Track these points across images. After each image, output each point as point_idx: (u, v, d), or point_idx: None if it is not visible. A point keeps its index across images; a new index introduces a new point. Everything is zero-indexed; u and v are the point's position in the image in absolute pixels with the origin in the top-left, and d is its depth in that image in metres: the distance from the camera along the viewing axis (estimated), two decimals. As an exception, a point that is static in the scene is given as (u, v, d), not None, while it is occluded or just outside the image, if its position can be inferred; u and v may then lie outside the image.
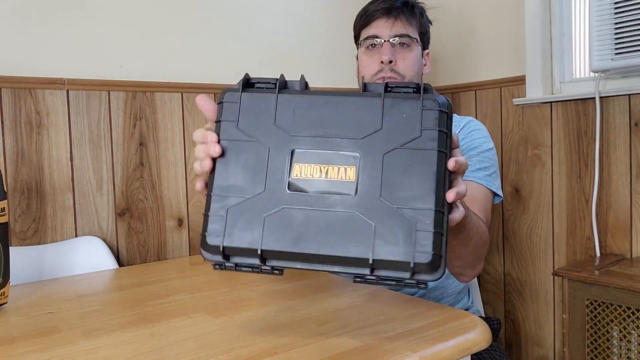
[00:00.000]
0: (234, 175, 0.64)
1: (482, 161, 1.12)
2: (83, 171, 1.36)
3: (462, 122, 1.21)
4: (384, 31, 1.18)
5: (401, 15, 1.18)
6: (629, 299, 1.22)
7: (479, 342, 0.75)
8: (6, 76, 1.25)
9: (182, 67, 1.51)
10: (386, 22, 1.18)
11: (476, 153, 1.13)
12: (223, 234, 0.63)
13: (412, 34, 1.19)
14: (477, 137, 1.17)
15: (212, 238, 0.63)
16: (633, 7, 1.34)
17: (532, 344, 1.71)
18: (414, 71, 1.19)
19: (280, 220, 0.62)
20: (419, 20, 1.21)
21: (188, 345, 0.73)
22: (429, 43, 1.28)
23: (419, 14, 1.22)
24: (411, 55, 1.19)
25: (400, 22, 1.18)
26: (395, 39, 1.17)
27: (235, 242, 0.62)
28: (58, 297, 1.01)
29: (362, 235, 0.60)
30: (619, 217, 1.46)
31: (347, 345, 0.71)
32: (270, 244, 0.61)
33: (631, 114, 1.42)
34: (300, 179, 0.63)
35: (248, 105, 0.67)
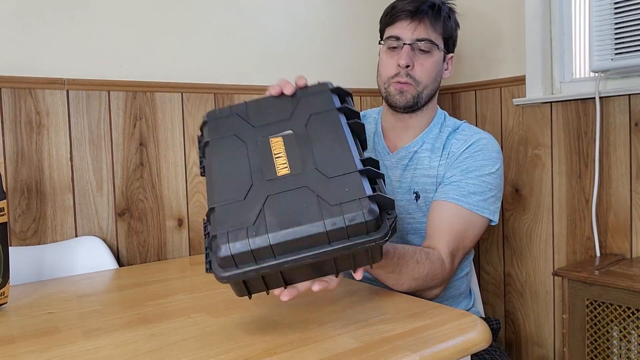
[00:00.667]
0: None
1: (478, 185, 1.11)
2: (83, 171, 1.36)
3: (471, 139, 1.17)
4: (406, 33, 1.16)
5: (425, 19, 1.15)
6: (629, 299, 1.22)
7: (479, 342, 0.75)
8: (6, 76, 1.25)
9: (182, 67, 1.51)
10: (410, 24, 1.16)
11: (474, 176, 1.11)
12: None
13: (434, 38, 1.16)
14: (482, 159, 1.14)
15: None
16: (633, 7, 1.34)
17: (532, 344, 1.71)
18: (431, 77, 1.18)
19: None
20: (444, 24, 1.18)
21: (188, 345, 0.73)
22: (454, 47, 1.24)
23: (446, 17, 1.18)
24: (430, 61, 1.17)
25: (424, 26, 1.16)
26: (417, 43, 1.15)
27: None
28: (58, 297, 1.01)
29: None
30: (619, 217, 1.46)
31: (347, 345, 0.71)
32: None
33: (631, 114, 1.42)
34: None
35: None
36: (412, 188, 1.18)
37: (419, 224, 1.16)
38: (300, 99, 0.87)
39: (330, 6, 1.81)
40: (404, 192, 1.18)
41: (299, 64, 1.75)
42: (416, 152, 1.21)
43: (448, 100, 1.90)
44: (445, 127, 1.23)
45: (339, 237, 0.68)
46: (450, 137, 1.20)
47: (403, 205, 1.17)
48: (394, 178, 1.21)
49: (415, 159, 1.20)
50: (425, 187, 1.16)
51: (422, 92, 1.18)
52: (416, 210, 1.16)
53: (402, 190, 1.19)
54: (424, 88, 1.18)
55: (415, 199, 1.17)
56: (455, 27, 1.23)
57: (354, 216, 0.67)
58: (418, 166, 1.19)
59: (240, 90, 1.61)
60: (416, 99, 1.18)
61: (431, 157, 1.18)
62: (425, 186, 1.16)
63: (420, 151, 1.20)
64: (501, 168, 1.16)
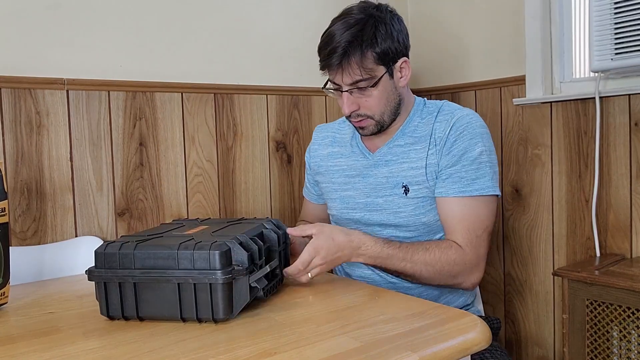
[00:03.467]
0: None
1: (476, 169, 1.12)
2: (83, 171, 1.36)
3: (452, 119, 1.15)
4: (339, 80, 1.13)
5: (349, 63, 1.09)
6: (629, 299, 1.22)
7: (479, 342, 0.75)
8: (6, 76, 1.25)
9: (182, 67, 1.51)
10: (337, 73, 1.12)
11: (470, 161, 1.12)
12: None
13: (368, 74, 1.11)
14: (469, 138, 1.13)
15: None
16: (633, 7, 1.34)
17: (532, 344, 1.71)
18: (382, 104, 1.15)
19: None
20: (372, 53, 1.10)
21: (188, 345, 0.73)
22: (402, 52, 1.16)
23: (369, 45, 1.09)
24: (372, 96, 1.13)
25: (350, 71, 1.10)
26: (352, 86, 1.12)
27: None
28: (58, 297, 1.01)
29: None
30: (619, 217, 1.46)
31: (347, 345, 0.71)
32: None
33: (631, 114, 1.42)
34: None
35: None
36: (401, 182, 1.17)
37: (409, 218, 1.16)
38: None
39: (330, 6, 1.81)
40: (392, 187, 1.18)
41: (299, 64, 1.75)
42: (399, 146, 1.20)
43: (448, 99, 1.90)
44: (427, 113, 1.22)
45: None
46: (433, 121, 1.19)
47: (392, 200, 1.17)
48: (380, 175, 1.21)
49: (400, 152, 1.20)
50: (414, 180, 1.16)
51: (381, 119, 1.16)
52: (406, 205, 1.16)
53: (390, 186, 1.18)
54: (382, 115, 1.16)
55: (405, 193, 1.16)
56: (391, 37, 1.12)
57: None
58: (404, 160, 1.19)
59: (240, 90, 1.61)
60: (379, 126, 1.18)
61: (417, 149, 1.18)
62: (414, 179, 1.16)
63: (404, 145, 1.20)
64: (490, 141, 1.17)
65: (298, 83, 1.74)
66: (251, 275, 0.84)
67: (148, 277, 0.82)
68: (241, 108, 1.62)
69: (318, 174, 1.34)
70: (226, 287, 0.81)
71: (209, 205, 1.56)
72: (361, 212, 1.22)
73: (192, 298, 0.81)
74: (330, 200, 1.29)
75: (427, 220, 1.16)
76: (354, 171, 1.25)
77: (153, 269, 0.82)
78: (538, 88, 1.61)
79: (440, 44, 1.92)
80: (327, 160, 1.32)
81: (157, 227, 1.02)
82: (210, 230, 0.95)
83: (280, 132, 1.70)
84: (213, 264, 0.80)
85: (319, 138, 1.38)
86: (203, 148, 1.55)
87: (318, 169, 1.34)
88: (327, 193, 1.31)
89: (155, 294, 0.83)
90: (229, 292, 0.81)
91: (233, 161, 1.61)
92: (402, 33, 1.16)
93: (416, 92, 2.02)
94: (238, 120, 1.62)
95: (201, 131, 1.54)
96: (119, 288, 0.84)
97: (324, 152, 1.34)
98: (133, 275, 0.83)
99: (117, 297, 0.84)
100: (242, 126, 1.63)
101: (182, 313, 0.82)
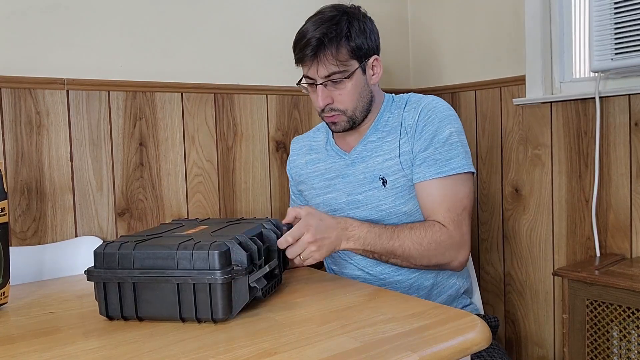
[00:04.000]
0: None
1: (448, 150, 1.14)
2: (83, 171, 1.36)
3: (419, 106, 1.19)
4: (314, 74, 1.16)
5: (324, 56, 1.13)
6: (629, 299, 1.22)
7: (479, 342, 0.75)
8: (6, 76, 1.25)
9: (182, 67, 1.51)
10: (311, 66, 1.15)
11: (441, 143, 1.14)
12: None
13: (342, 67, 1.14)
14: (438, 121, 1.16)
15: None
16: (633, 7, 1.34)
17: (532, 344, 1.71)
18: (354, 99, 1.18)
19: None
20: (346, 46, 1.14)
21: (188, 346, 0.73)
22: (373, 50, 1.19)
23: (343, 39, 1.13)
24: (346, 89, 1.16)
25: (325, 63, 1.13)
26: (326, 79, 1.15)
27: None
28: (58, 297, 1.01)
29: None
30: (619, 217, 1.46)
31: (347, 345, 0.71)
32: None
33: (631, 114, 1.42)
34: None
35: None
36: (378, 175, 1.19)
37: (390, 209, 1.18)
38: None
39: (330, 6, 1.81)
40: (370, 181, 1.20)
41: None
42: (372, 142, 1.23)
43: (448, 100, 1.90)
44: (395, 107, 1.25)
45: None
46: (402, 112, 1.23)
47: (372, 194, 1.19)
48: (358, 173, 1.23)
49: (373, 147, 1.22)
50: (390, 171, 1.19)
51: (354, 114, 1.19)
52: (386, 197, 1.18)
53: (368, 181, 1.21)
54: (354, 110, 1.19)
55: (383, 185, 1.18)
56: (364, 34, 1.16)
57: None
58: (378, 153, 1.21)
59: (240, 90, 1.61)
60: (351, 122, 1.20)
61: (389, 141, 1.21)
62: (390, 170, 1.19)
63: (377, 140, 1.23)
64: (458, 122, 1.19)
65: (298, 83, 1.74)
66: (250, 275, 0.84)
67: (147, 277, 0.82)
68: (241, 108, 1.62)
69: (300, 183, 1.37)
70: (225, 287, 0.81)
71: (209, 205, 1.56)
72: (344, 211, 1.23)
73: (192, 298, 0.81)
74: (315, 206, 1.30)
75: (408, 209, 1.18)
76: (332, 173, 1.28)
77: (152, 269, 0.82)
78: (538, 88, 1.61)
79: (440, 44, 1.92)
80: (305, 168, 1.34)
81: (157, 227, 1.02)
82: (210, 230, 0.95)
83: (280, 132, 1.70)
84: (212, 264, 0.80)
85: (296, 149, 1.41)
86: (203, 148, 1.55)
87: (299, 177, 1.37)
88: (310, 199, 1.33)
89: (155, 294, 0.83)
90: (228, 292, 0.81)
91: (233, 161, 1.61)
92: (374, 32, 1.21)
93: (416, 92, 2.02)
94: (238, 120, 1.62)
95: (201, 131, 1.54)
96: (118, 288, 0.84)
97: (302, 161, 1.36)
98: (132, 275, 0.83)
99: (117, 297, 0.84)
100: (242, 126, 1.63)
101: (181, 313, 0.82)
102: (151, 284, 0.83)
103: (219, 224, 1.01)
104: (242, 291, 0.83)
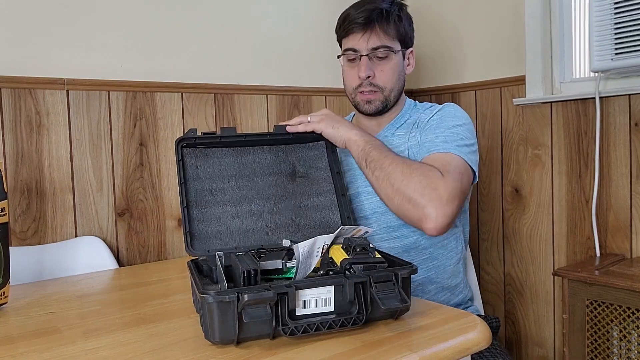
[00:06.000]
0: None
1: (448, 135, 1.14)
2: (83, 171, 1.36)
3: (436, 108, 1.24)
4: (362, 44, 1.20)
5: (376, 27, 1.18)
6: (629, 299, 1.22)
7: (479, 342, 0.75)
8: (6, 76, 1.25)
9: (182, 67, 1.51)
10: (363, 35, 1.19)
11: (443, 129, 1.15)
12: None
13: (390, 43, 1.20)
14: (448, 117, 1.18)
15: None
16: (633, 7, 1.34)
17: (532, 344, 1.71)
18: (393, 80, 1.23)
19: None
20: (396, 26, 1.20)
21: (188, 345, 0.73)
22: (412, 41, 1.28)
23: (396, 18, 1.21)
24: (389, 65, 1.21)
25: (377, 35, 1.19)
26: (373, 52, 1.19)
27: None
28: (58, 297, 1.01)
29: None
30: (619, 217, 1.46)
31: (347, 345, 0.71)
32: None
33: (631, 114, 1.42)
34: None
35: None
36: None
37: None
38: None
39: (329, 6, 1.81)
40: None
41: (299, 64, 1.75)
42: (386, 137, 1.25)
43: (448, 99, 1.90)
44: (415, 111, 1.29)
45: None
46: (421, 114, 1.26)
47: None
48: None
49: (387, 142, 1.22)
50: None
51: (389, 95, 1.24)
52: None
53: None
54: (390, 91, 1.23)
55: None
56: (409, 23, 1.26)
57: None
58: (389, 146, 1.20)
59: (240, 90, 1.61)
60: (384, 104, 1.24)
61: (400, 134, 1.25)
62: None
63: (390, 135, 1.26)
64: (470, 125, 1.19)
65: (298, 83, 1.74)
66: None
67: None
68: (241, 108, 1.62)
69: None
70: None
71: (209, 205, 1.56)
72: (360, 196, 1.23)
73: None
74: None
75: None
76: (346, 166, 1.27)
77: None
78: (538, 88, 1.61)
79: (440, 44, 1.92)
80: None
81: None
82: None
83: (280, 132, 1.70)
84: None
85: None
86: (203, 148, 1.55)
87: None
88: None
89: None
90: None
91: (233, 161, 1.61)
92: (412, 28, 1.28)
93: (416, 92, 2.03)
94: (238, 120, 1.62)
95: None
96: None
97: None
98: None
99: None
100: (242, 126, 1.63)
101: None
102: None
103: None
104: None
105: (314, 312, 0.73)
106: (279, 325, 0.70)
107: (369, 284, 0.74)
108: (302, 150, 1.10)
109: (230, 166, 1.02)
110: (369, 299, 0.74)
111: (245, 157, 1.04)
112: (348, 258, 0.78)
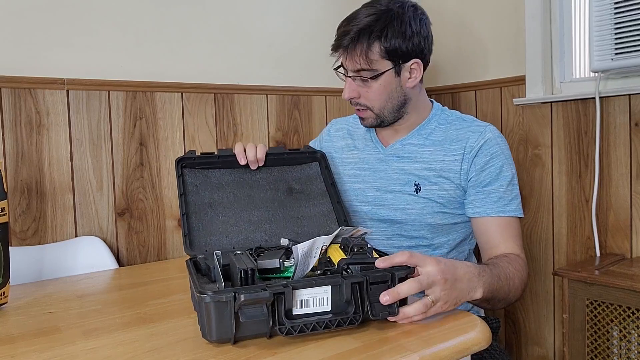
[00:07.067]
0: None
1: (510, 191, 1.12)
2: (83, 171, 1.36)
3: (479, 142, 1.14)
4: (347, 64, 1.14)
5: (353, 51, 1.10)
6: (629, 299, 1.22)
7: (479, 342, 0.75)
8: (6, 76, 1.25)
9: (182, 67, 1.51)
10: (345, 55, 1.13)
11: (505, 184, 1.12)
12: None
13: (373, 65, 1.10)
14: (502, 160, 1.13)
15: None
16: (633, 7, 1.34)
17: (532, 344, 1.71)
18: (382, 99, 1.14)
19: None
20: (380, 44, 1.09)
21: (188, 345, 0.73)
22: (417, 53, 1.13)
23: (378, 37, 1.09)
24: (374, 87, 1.13)
25: (355, 58, 1.10)
26: (356, 74, 1.13)
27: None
28: (58, 297, 1.01)
29: None
30: (619, 217, 1.46)
31: (347, 345, 0.71)
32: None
33: (631, 114, 1.42)
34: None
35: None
36: (413, 180, 1.17)
37: (416, 216, 1.16)
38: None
39: (329, 6, 1.81)
40: (403, 183, 1.18)
41: (299, 64, 1.75)
42: (413, 145, 1.21)
43: (448, 100, 1.90)
44: (444, 120, 1.22)
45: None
46: (452, 128, 1.19)
47: (402, 197, 1.18)
48: (390, 170, 1.21)
49: (412, 151, 1.20)
50: (427, 180, 1.16)
51: (381, 113, 1.16)
52: (415, 202, 1.16)
53: (401, 182, 1.19)
54: (381, 109, 1.16)
55: (416, 191, 1.17)
56: (403, 35, 1.10)
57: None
58: (418, 159, 1.19)
59: (240, 90, 1.61)
60: (379, 120, 1.18)
61: (432, 151, 1.18)
62: (427, 179, 1.16)
63: (417, 145, 1.20)
64: (511, 156, 1.19)
65: (298, 83, 1.74)
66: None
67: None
68: (241, 108, 1.62)
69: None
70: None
71: (209, 205, 1.56)
72: (369, 205, 1.22)
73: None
74: (342, 192, 1.28)
75: (433, 221, 1.16)
76: (365, 164, 1.26)
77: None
78: (538, 88, 1.61)
79: (440, 44, 1.92)
80: (341, 152, 1.32)
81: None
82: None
83: (280, 132, 1.70)
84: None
85: (334, 130, 1.38)
86: (203, 148, 1.55)
87: (330, 159, 1.32)
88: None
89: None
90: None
91: (233, 161, 1.61)
92: (420, 35, 1.13)
93: (416, 92, 2.03)
94: (238, 120, 1.62)
95: (201, 131, 1.55)
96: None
97: (339, 144, 1.34)
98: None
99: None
100: (242, 126, 1.63)
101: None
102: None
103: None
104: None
105: (311, 311, 0.73)
106: (276, 325, 0.70)
107: (366, 284, 0.74)
108: (298, 170, 1.13)
109: (229, 183, 1.07)
110: (365, 298, 0.74)
111: (242, 175, 1.09)
112: (345, 258, 0.79)
